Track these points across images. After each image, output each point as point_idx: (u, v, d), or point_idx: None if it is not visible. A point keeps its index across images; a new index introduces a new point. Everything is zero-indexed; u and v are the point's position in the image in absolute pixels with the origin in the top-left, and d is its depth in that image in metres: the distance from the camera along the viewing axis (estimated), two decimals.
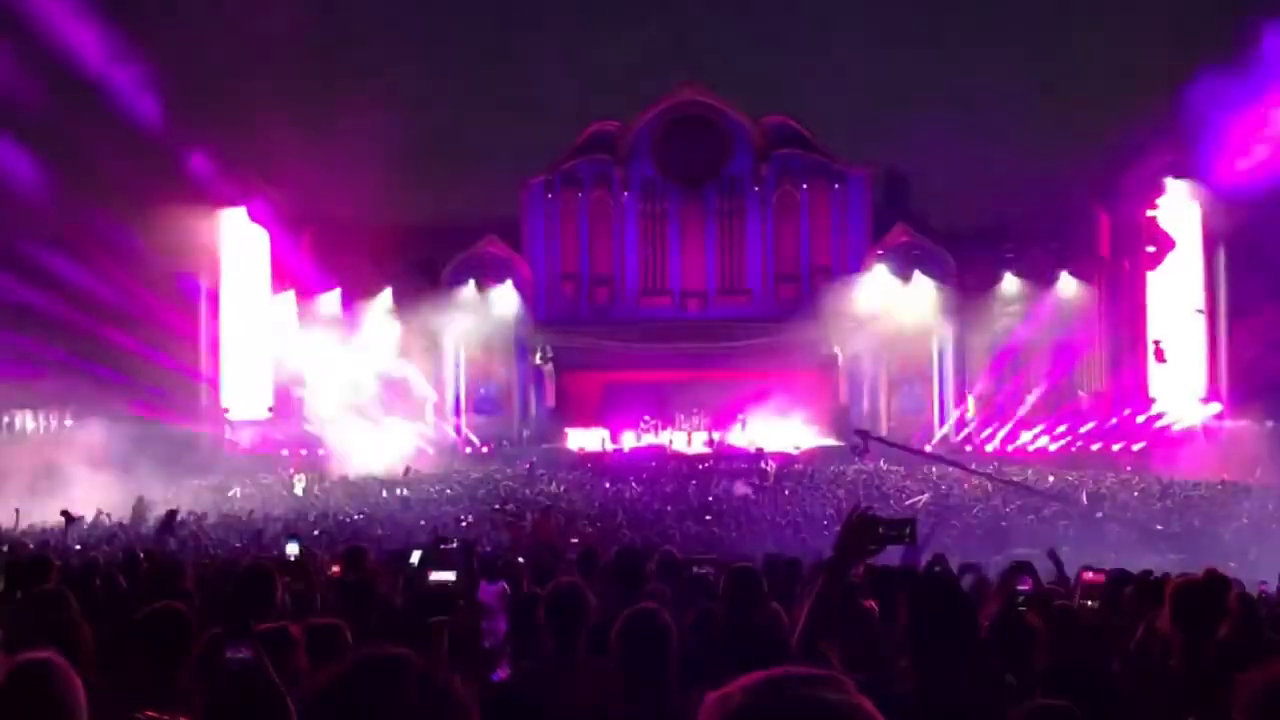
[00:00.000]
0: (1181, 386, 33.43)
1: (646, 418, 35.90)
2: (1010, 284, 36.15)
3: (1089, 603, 4.84)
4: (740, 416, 35.82)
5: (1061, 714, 3.05)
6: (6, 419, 29.53)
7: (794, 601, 5.93)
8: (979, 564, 11.08)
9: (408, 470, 30.79)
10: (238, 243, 35.76)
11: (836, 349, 37.78)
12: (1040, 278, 35.78)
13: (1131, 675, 4.40)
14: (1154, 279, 34.00)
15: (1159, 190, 33.64)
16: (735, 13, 33.86)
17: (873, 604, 5.65)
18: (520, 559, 9.48)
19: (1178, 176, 33.26)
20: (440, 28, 29.49)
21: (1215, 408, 33.03)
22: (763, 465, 31.73)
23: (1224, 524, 20.04)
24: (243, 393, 35.68)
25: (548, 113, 33.69)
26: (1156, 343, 33.44)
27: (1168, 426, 33.06)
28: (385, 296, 37.04)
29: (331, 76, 30.14)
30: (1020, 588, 3.79)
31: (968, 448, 34.94)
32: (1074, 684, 3.60)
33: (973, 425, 36.06)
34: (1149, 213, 33.83)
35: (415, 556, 5.98)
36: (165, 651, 3.78)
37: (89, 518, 19.26)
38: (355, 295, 36.60)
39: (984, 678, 3.51)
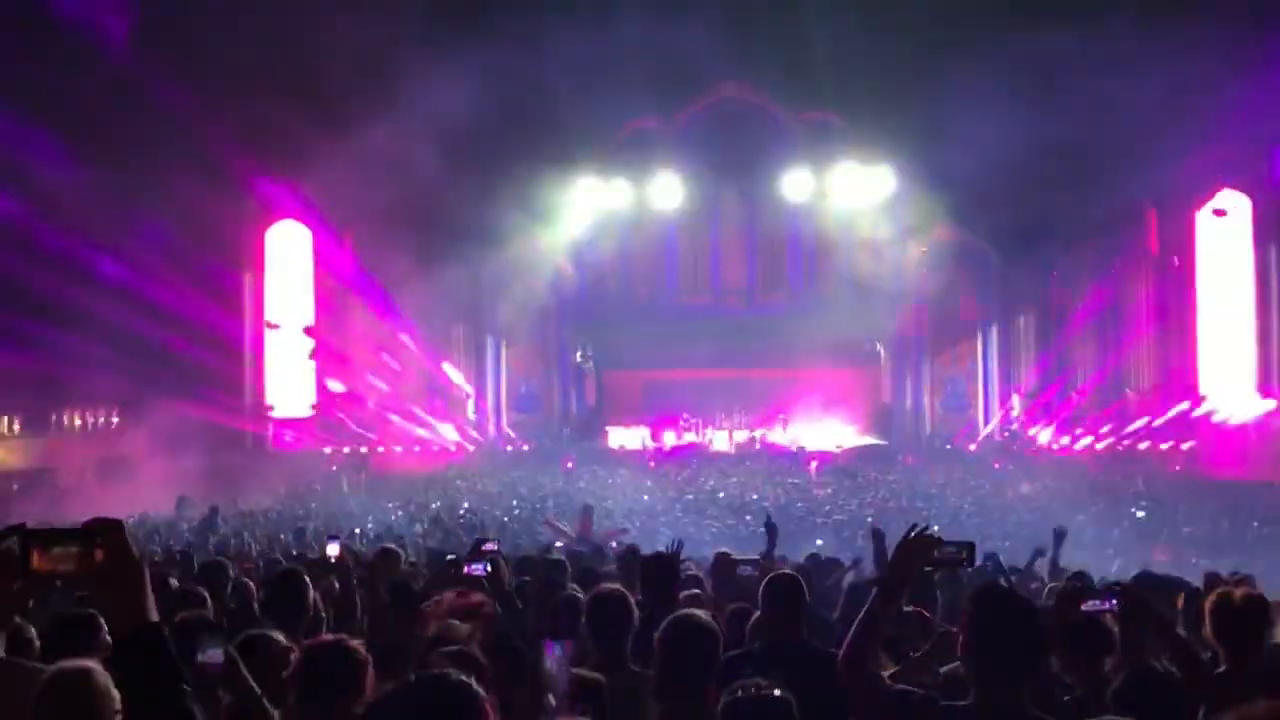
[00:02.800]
0: (1233, 382, 32.86)
1: (686, 415, 35.80)
2: (1056, 281, 35.67)
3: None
4: (781, 415, 35.64)
5: None
6: (54, 417, 29.95)
7: (832, 603, 5.81)
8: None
9: (448, 468, 30.91)
10: (281, 241, 36.08)
11: (879, 347, 37.50)
12: (1087, 275, 35.26)
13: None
14: (1204, 276, 33.46)
15: (1211, 186, 33.09)
16: (775, 8, 33.56)
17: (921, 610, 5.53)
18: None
19: (1230, 172, 32.70)
20: (477, 25, 29.51)
21: (1270, 404, 32.42)
22: (807, 465, 31.64)
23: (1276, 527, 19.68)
24: (286, 390, 35.98)
25: (587, 110, 33.54)
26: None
27: (1219, 423, 32.48)
28: (426, 294, 37.16)
29: (372, 75, 30.23)
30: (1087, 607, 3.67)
31: (1014, 447, 34.56)
32: (1144, 697, 3.49)
33: (1018, 424, 35.64)
34: (1199, 211, 33.36)
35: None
36: None
37: (134, 516, 19.45)
38: (397, 293, 36.76)
39: (1047, 689, 3.42)
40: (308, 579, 4.85)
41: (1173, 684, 3.78)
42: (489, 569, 5.70)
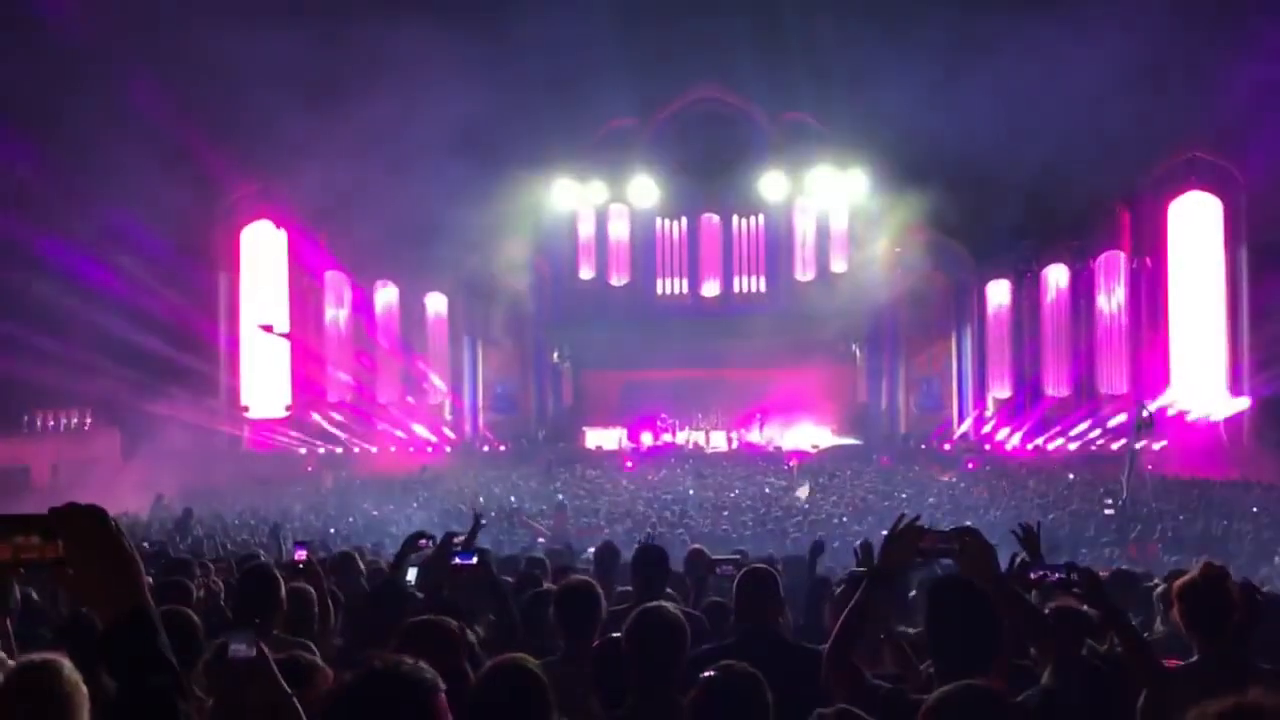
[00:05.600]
0: (1204, 382, 33.16)
1: (664, 416, 35.84)
2: (1030, 281, 35.95)
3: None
4: (758, 415, 35.73)
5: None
6: (26, 417, 29.68)
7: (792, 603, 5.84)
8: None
9: (424, 469, 30.81)
10: (257, 242, 35.91)
11: (855, 347, 37.65)
12: (1061, 275, 35.58)
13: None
14: (1176, 276, 33.77)
15: (1182, 186, 33.42)
16: (753, 10, 33.66)
17: None
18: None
19: (1202, 172, 33.05)
20: (455, 25, 29.46)
21: (1243, 403, 32.73)
22: (785, 465, 31.69)
23: (1245, 524, 19.85)
24: (261, 391, 35.80)
25: (565, 110, 33.54)
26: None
27: (1189, 422, 32.75)
28: (403, 294, 37.14)
29: (350, 75, 30.12)
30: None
31: (986, 446, 34.78)
32: (1091, 680, 3.54)
33: (992, 424, 35.85)
34: (1171, 208, 33.71)
35: (412, 574, 5.90)
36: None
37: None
38: (373, 294, 36.71)
39: (1014, 678, 3.46)
40: (280, 575, 4.83)
41: (1107, 676, 3.86)
42: (476, 559, 5.67)
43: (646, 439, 35.51)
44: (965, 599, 3.37)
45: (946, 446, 35.46)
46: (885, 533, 3.61)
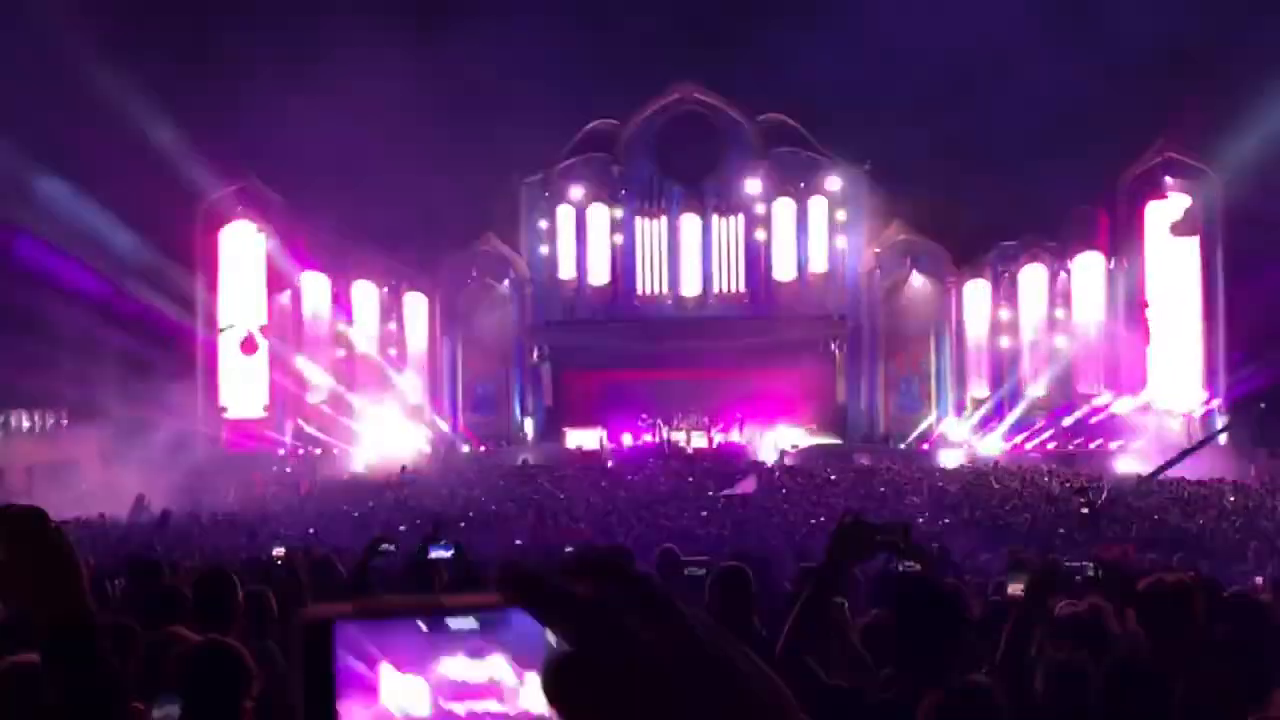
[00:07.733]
0: (1179, 383, 33.39)
1: (644, 416, 35.78)
2: (1008, 281, 36.10)
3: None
4: (738, 415, 35.72)
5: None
6: (3, 418, 29.45)
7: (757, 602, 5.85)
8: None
9: (404, 470, 30.70)
10: (234, 240, 35.68)
11: (834, 347, 37.72)
12: (1038, 275, 35.76)
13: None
14: (1152, 275, 33.99)
15: (1159, 186, 33.63)
16: (734, 9, 33.77)
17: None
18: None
19: (1177, 172, 33.28)
20: (437, 25, 29.46)
21: (1214, 404, 32.99)
22: (765, 465, 31.71)
23: (1215, 522, 19.96)
24: (239, 391, 35.60)
25: (545, 110, 33.55)
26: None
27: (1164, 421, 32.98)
28: (383, 294, 37.00)
29: (329, 74, 30.02)
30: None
31: (964, 446, 34.89)
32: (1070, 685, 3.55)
33: (970, 424, 35.97)
34: (1148, 210, 33.94)
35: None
36: None
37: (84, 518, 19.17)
38: (352, 293, 36.56)
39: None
40: (236, 579, 4.77)
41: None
42: (453, 553, 5.67)
43: (627, 439, 35.46)
44: (932, 598, 3.38)
45: (925, 446, 35.58)
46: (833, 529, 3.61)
